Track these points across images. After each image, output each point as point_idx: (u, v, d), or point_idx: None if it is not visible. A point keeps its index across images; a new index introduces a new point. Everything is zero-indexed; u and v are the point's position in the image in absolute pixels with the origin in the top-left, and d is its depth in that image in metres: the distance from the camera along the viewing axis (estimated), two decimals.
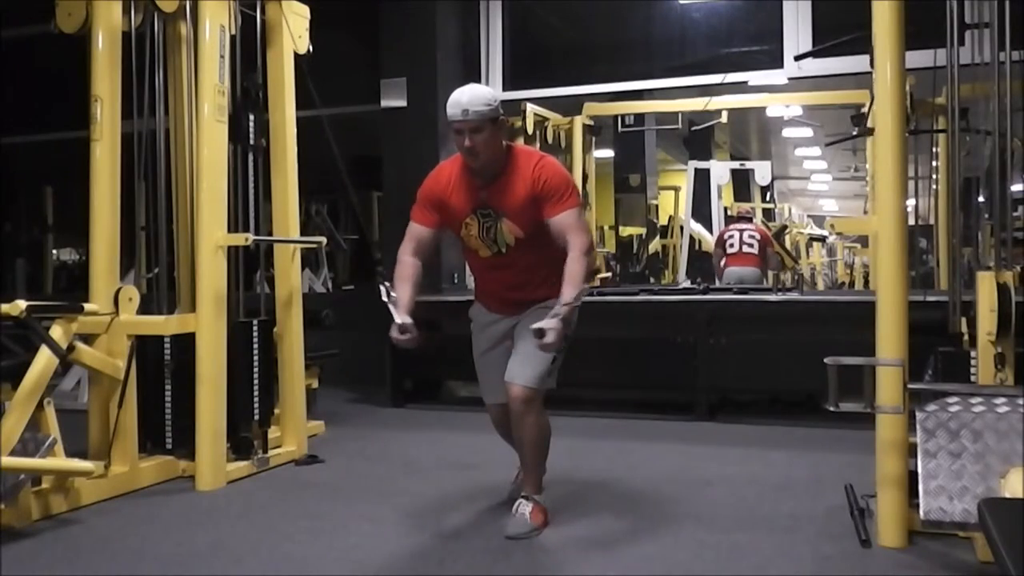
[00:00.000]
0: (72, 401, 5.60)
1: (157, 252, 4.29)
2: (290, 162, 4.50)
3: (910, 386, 2.86)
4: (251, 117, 4.28)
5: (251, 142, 4.30)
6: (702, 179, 9.46)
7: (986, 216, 3.75)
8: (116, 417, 3.81)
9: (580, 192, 3.21)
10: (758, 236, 8.03)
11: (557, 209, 3.04)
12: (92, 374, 3.89)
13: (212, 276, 3.90)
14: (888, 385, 2.87)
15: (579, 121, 7.87)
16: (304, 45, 4.60)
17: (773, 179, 11.30)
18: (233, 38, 4.16)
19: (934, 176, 5.62)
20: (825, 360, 2.83)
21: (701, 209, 9.56)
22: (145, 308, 3.99)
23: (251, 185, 4.32)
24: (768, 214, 11.48)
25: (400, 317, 3.03)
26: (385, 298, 3.07)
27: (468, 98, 2.99)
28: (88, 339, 3.74)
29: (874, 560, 2.88)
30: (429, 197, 3.23)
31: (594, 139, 8.32)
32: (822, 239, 12.46)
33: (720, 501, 3.60)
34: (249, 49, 4.39)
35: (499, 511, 3.39)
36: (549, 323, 2.86)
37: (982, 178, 3.70)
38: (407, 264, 3.20)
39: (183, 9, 4.15)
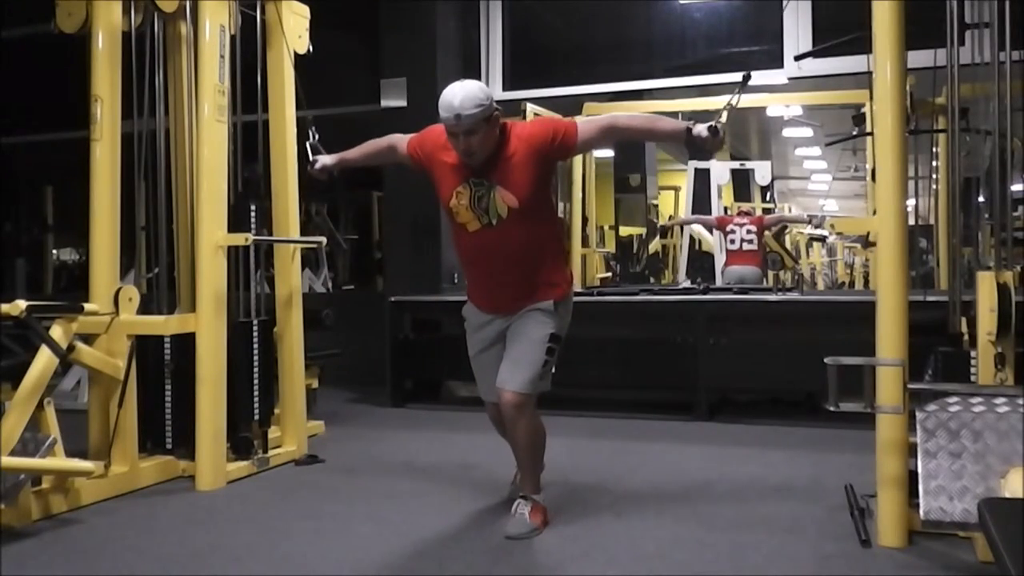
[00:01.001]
0: (72, 401, 5.60)
1: (157, 252, 4.29)
2: (290, 162, 4.50)
3: (910, 386, 2.86)
4: (252, 208, 4.27)
5: (252, 232, 4.29)
6: (702, 179, 9.46)
7: (986, 216, 3.75)
8: (116, 417, 3.81)
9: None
10: (754, 229, 8.00)
11: (572, 133, 3.08)
12: (92, 374, 3.89)
13: (212, 276, 3.90)
14: (888, 385, 2.87)
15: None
16: (304, 45, 4.60)
17: (773, 179, 11.29)
18: (233, 38, 4.16)
19: (934, 176, 5.63)
20: (825, 360, 2.83)
21: (701, 209, 9.55)
22: (145, 308, 3.99)
23: (252, 275, 4.33)
24: (768, 214, 11.46)
25: (327, 158, 3.59)
26: (311, 139, 3.63)
27: (460, 101, 2.92)
28: (88, 339, 3.75)
29: (874, 560, 2.88)
30: (425, 143, 3.24)
31: None
32: (822, 239, 12.44)
33: (720, 501, 3.60)
34: (250, 50, 4.39)
35: (499, 511, 3.39)
36: (704, 127, 3.06)
37: (982, 178, 3.70)
38: (378, 144, 3.48)
39: (183, 9, 4.15)
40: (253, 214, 4.25)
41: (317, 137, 3.64)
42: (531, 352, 3.10)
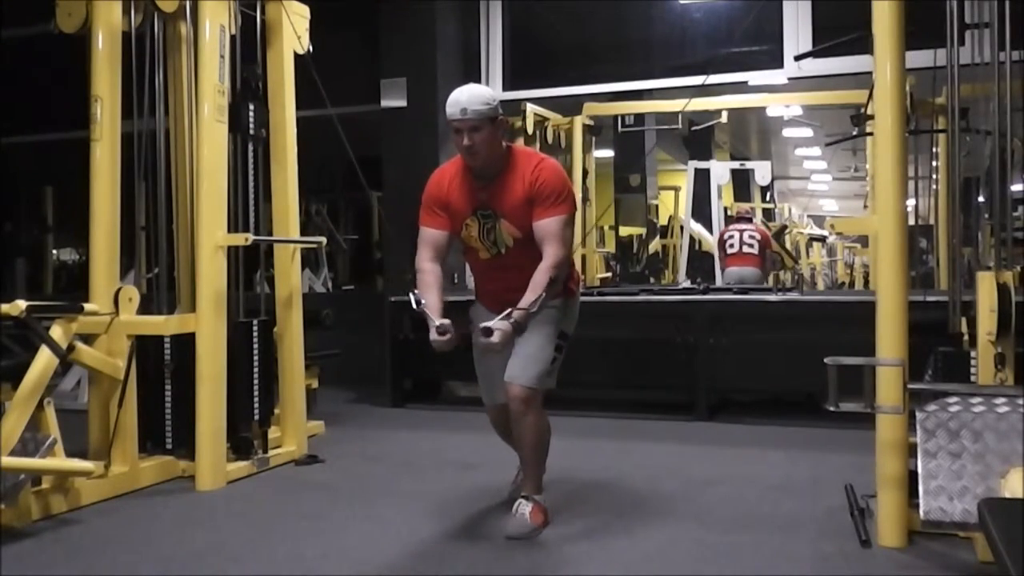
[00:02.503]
0: (72, 401, 5.60)
1: (157, 252, 4.29)
2: (290, 162, 4.50)
3: (910, 386, 2.86)
4: (251, 107, 4.26)
5: (251, 132, 4.29)
6: (702, 179, 9.45)
7: (986, 216, 3.75)
8: (116, 417, 3.81)
9: (575, 201, 3.20)
10: (758, 236, 8.03)
11: (545, 214, 3.04)
12: (92, 374, 3.89)
13: (212, 276, 3.90)
14: (888, 385, 2.87)
15: (579, 121, 7.87)
16: (304, 45, 4.60)
17: (773, 179, 11.29)
18: (233, 38, 4.16)
19: (934, 176, 5.62)
20: (825, 360, 2.83)
21: (701, 209, 9.55)
22: (145, 308, 3.99)
23: (251, 178, 4.30)
24: (768, 214, 11.47)
25: (437, 319, 3.00)
26: (415, 306, 3.07)
27: (467, 97, 3.00)
28: (88, 339, 3.74)
29: (874, 560, 2.88)
30: (434, 200, 3.24)
31: (594, 139, 8.31)
32: (822, 239, 12.45)
33: (720, 501, 3.60)
34: (249, 44, 4.39)
35: (499, 511, 3.39)
36: (499, 324, 2.88)
37: (982, 178, 3.70)
38: (428, 271, 3.20)
39: (183, 9, 4.15)
40: (251, 115, 4.22)
41: (423, 303, 3.07)
42: (540, 348, 3.12)
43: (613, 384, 5.79)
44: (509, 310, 2.93)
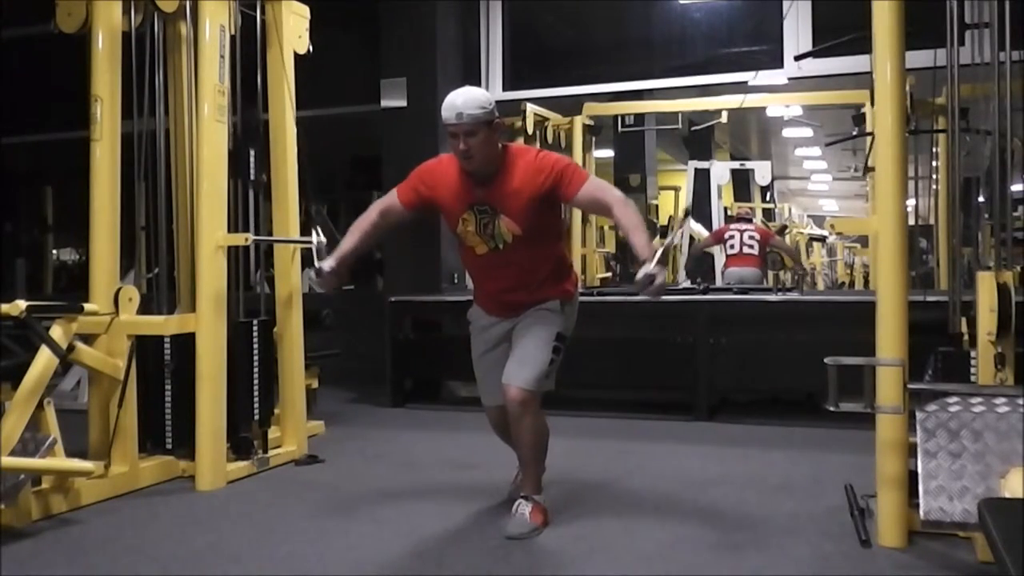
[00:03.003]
0: (72, 401, 5.60)
1: (157, 252, 4.29)
2: (290, 162, 4.50)
3: (910, 386, 2.86)
4: (251, 152, 4.26)
5: (251, 177, 4.29)
6: (702, 179, 9.46)
7: (986, 216, 3.75)
8: (116, 417, 3.81)
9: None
10: (758, 236, 8.04)
11: (575, 186, 3.05)
12: (92, 374, 3.89)
13: (212, 276, 3.90)
14: (888, 385, 2.87)
15: (579, 121, 7.87)
16: (304, 45, 4.60)
17: (773, 179, 11.31)
18: (233, 38, 4.16)
19: (934, 176, 5.63)
20: (825, 360, 2.83)
21: (701, 209, 9.56)
22: (145, 308, 3.98)
23: (251, 223, 4.31)
24: (768, 214, 11.48)
25: (326, 262, 3.17)
26: (314, 240, 3.26)
27: (463, 101, 2.99)
28: (88, 339, 3.74)
29: (874, 560, 2.88)
30: (421, 180, 3.23)
31: (594, 139, 8.32)
32: (822, 239, 12.47)
33: (720, 501, 3.60)
34: (250, 50, 4.39)
35: (499, 511, 3.39)
36: (651, 268, 2.80)
37: (982, 178, 3.70)
38: (369, 220, 3.29)
39: (183, 9, 4.15)
40: (252, 159, 4.23)
41: (324, 241, 3.26)
42: (537, 350, 3.12)
43: (613, 384, 5.80)
44: (645, 261, 2.84)
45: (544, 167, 3.07)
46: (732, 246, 8.04)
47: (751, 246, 7.97)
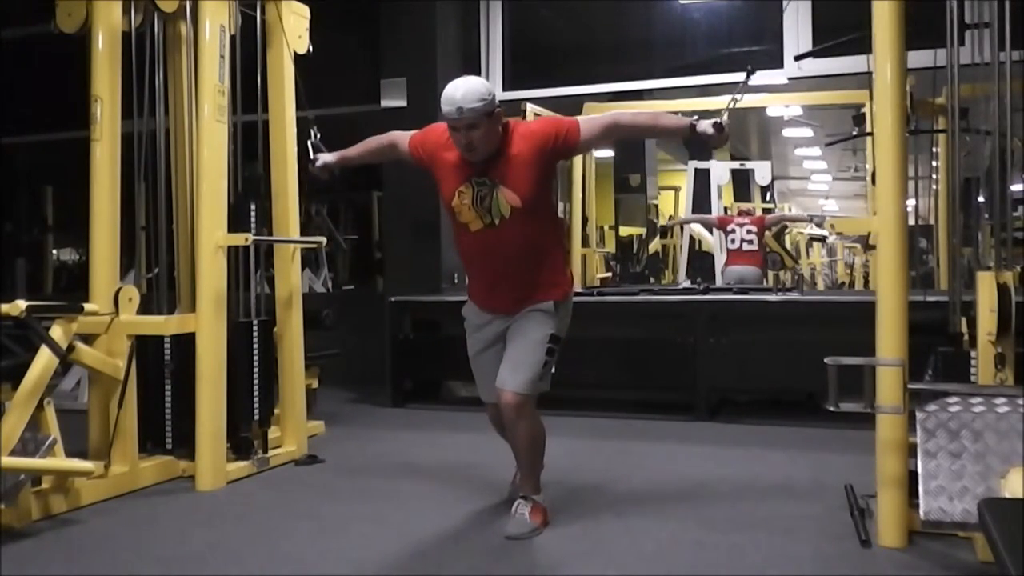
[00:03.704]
0: (72, 401, 5.60)
1: (157, 252, 4.29)
2: (290, 162, 4.50)
3: (910, 386, 2.86)
4: (252, 207, 4.26)
5: (252, 232, 4.29)
6: (702, 179, 9.46)
7: (986, 216, 3.75)
8: (116, 417, 3.81)
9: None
10: (755, 229, 8.00)
11: (575, 131, 3.09)
12: (92, 374, 3.89)
13: (212, 276, 3.90)
14: (888, 385, 2.87)
15: None
16: (304, 45, 4.60)
17: (773, 179, 11.29)
18: (233, 38, 4.16)
19: (934, 176, 5.63)
20: (825, 360, 2.83)
21: (701, 209, 9.55)
22: (145, 308, 3.99)
23: (252, 275, 4.32)
24: (768, 214, 11.47)
25: (327, 155, 3.56)
26: (311, 139, 3.56)
27: (462, 94, 2.93)
28: (88, 339, 3.74)
29: (874, 560, 2.88)
30: (427, 141, 3.25)
31: None
32: (822, 239, 12.45)
33: (720, 501, 3.60)
34: (250, 50, 4.39)
35: (499, 511, 3.39)
36: (707, 126, 3.07)
37: (982, 178, 3.70)
38: (379, 141, 3.47)
39: (183, 9, 4.15)
40: (253, 214, 4.25)
41: (319, 136, 3.61)
42: (531, 353, 3.10)
43: (613, 384, 5.79)
44: (702, 123, 3.08)
45: (540, 132, 3.09)
46: (732, 241, 8.01)
47: (750, 241, 7.95)
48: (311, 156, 3.62)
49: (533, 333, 3.12)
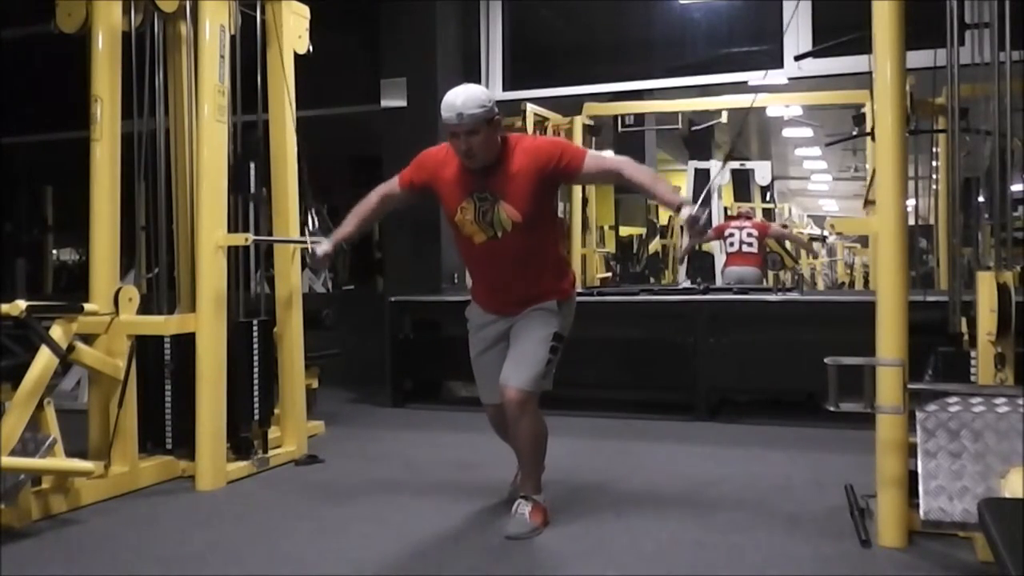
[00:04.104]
0: (72, 401, 5.60)
1: (157, 252, 4.29)
2: (290, 163, 4.50)
3: (910, 386, 2.86)
4: (252, 167, 4.26)
5: (252, 192, 4.29)
6: (702, 179, 9.46)
7: (986, 216, 3.75)
8: (116, 417, 3.81)
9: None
10: (756, 233, 8.02)
11: (578, 161, 3.08)
12: (92, 374, 3.89)
13: (212, 276, 3.90)
14: (888, 385, 2.87)
15: (579, 121, 7.87)
16: (304, 45, 4.60)
17: (773, 179, 11.30)
18: (233, 38, 4.16)
19: (934, 176, 5.63)
20: (825, 360, 2.83)
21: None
22: (145, 308, 3.99)
23: (251, 223, 4.29)
24: (768, 214, 11.47)
25: (321, 245, 3.32)
26: (309, 228, 3.40)
27: (462, 100, 2.97)
28: (88, 339, 3.74)
29: (874, 560, 2.88)
30: (423, 166, 3.26)
31: (594, 139, 8.31)
32: (822, 239, 12.46)
33: (720, 501, 3.60)
34: (250, 50, 4.39)
35: (499, 511, 3.39)
36: (693, 211, 2.88)
37: (982, 178, 3.70)
38: (368, 206, 3.37)
39: (183, 9, 4.15)
40: (252, 172, 4.23)
41: (316, 224, 3.42)
42: (534, 350, 3.12)
43: (613, 384, 5.79)
44: (684, 211, 2.90)
45: (544, 151, 3.09)
46: (732, 244, 8.03)
47: (750, 244, 7.95)
48: (308, 248, 3.38)
49: (537, 331, 3.14)
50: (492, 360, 3.25)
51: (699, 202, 2.96)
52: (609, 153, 3.24)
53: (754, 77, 6.40)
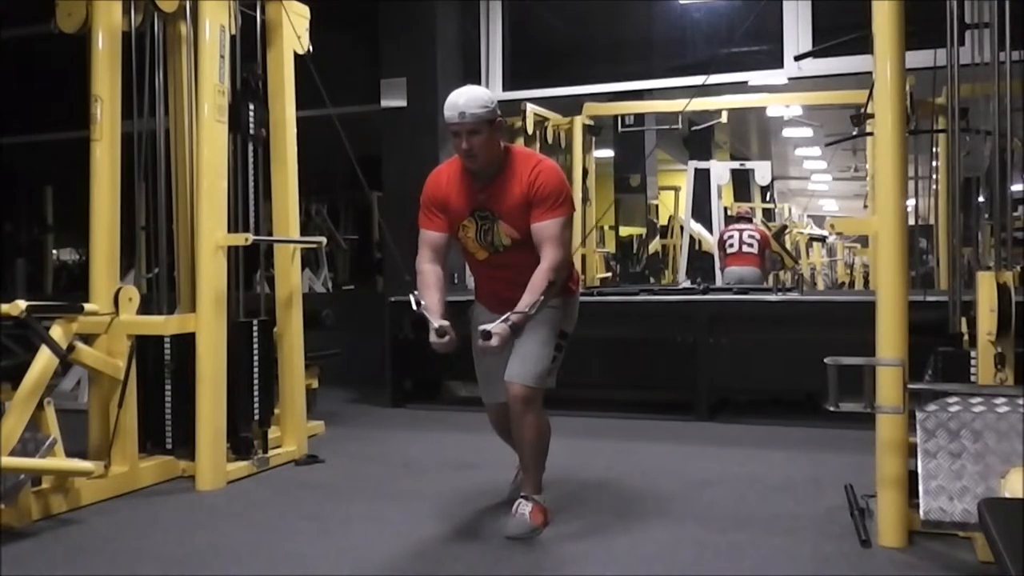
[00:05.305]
0: (72, 401, 5.60)
1: (157, 252, 4.29)
2: (290, 162, 4.51)
3: (910, 386, 2.86)
4: (251, 107, 4.25)
5: (251, 132, 4.28)
6: (702, 179, 9.46)
7: (986, 216, 3.75)
8: (116, 417, 3.81)
9: (574, 203, 3.21)
10: (758, 236, 8.04)
11: (544, 216, 3.05)
12: (92, 374, 3.89)
13: (212, 276, 3.90)
14: (888, 385, 2.87)
15: (579, 121, 7.87)
16: (304, 45, 4.60)
17: (773, 179, 11.30)
18: (233, 38, 4.16)
19: (934, 176, 5.62)
20: (825, 360, 2.83)
21: (701, 209, 9.56)
22: (145, 308, 3.98)
23: (251, 177, 4.30)
24: (768, 214, 11.48)
25: (436, 321, 3.02)
26: (415, 307, 3.10)
27: (465, 100, 3.00)
28: (88, 339, 3.74)
29: (874, 560, 2.88)
30: (432, 201, 3.25)
31: (594, 139, 8.32)
32: (822, 239, 12.46)
33: (720, 501, 3.60)
34: (249, 43, 4.39)
35: (499, 511, 3.39)
36: (497, 327, 2.89)
37: (982, 178, 3.70)
38: (428, 272, 3.22)
39: (183, 9, 4.15)
40: (251, 115, 4.23)
41: (423, 304, 3.09)
42: (539, 348, 3.13)
43: (613, 384, 5.79)
44: (508, 314, 2.94)
45: (539, 179, 3.06)
46: (731, 245, 8.05)
47: (751, 245, 7.97)
48: (433, 326, 3.02)
49: (541, 329, 3.14)
50: (495, 360, 3.25)
51: (512, 321, 2.89)
52: (558, 244, 3.08)
53: (754, 77, 6.40)
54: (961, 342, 3.36)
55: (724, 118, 8.26)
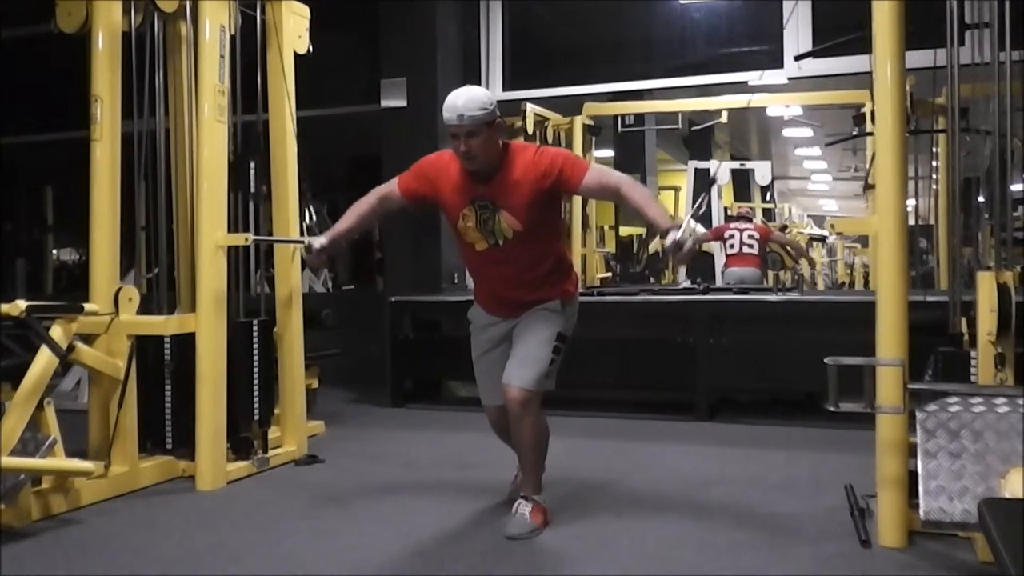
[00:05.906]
0: (72, 401, 5.60)
1: (157, 252, 4.29)
2: (290, 163, 4.50)
3: (910, 386, 2.86)
4: (252, 164, 4.26)
5: (252, 191, 4.28)
6: (702, 179, 9.46)
7: (986, 216, 3.75)
8: (116, 417, 3.81)
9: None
10: (757, 235, 8.04)
11: (578, 176, 3.06)
12: (92, 374, 3.89)
13: (212, 276, 3.90)
14: (888, 385, 2.87)
15: (579, 121, 7.87)
16: (304, 45, 4.60)
17: (773, 179, 11.31)
18: (233, 38, 4.16)
19: (934, 176, 5.63)
20: (825, 360, 2.83)
21: (700, 209, 9.56)
22: (145, 308, 3.98)
23: (251, 223, 4.29)
24: (768, 214, 11.49)
25: (317, 239, 3.26)
26: (306, 222, 3.22)
27: (464, 102, 2.98)
28: (88, 339, 3.74)
29: (874, 560, 2.88)
30: (422, 173, 3.25)
31: (594, 139, 8.32)
32: (822, 239, 12.47)
33: (720, 501, 3.60)
34: (250, 50, 4.39)
35: (499, 511, 3.39)
36: (678, 235, 2.80)
37: (982, 178, 3.70)
38: (367, 204, 3.34)
39: (183, 9, 4.15)
40: (252, 170, 4.23)
41: (314, 218, 3.43)
42: (538, 350, 3.12)
43: (613, 384, 5.79)
44: (670, 234, 2.83)
45: (544, 162, 3.07)
46: (732, 245, 8.05)
47: (751, 245, 7.97)
48: (306, 240, 3.43)
49: (540, 331, 3.14)
50: (494, 361, 3.25)
51: (683, 228, 2.87)
52: (611, 174, 3.17)
53: (754, 77, 6.40)
54: (961, 342, 3.36)
55: (724, 118, 8.27)
